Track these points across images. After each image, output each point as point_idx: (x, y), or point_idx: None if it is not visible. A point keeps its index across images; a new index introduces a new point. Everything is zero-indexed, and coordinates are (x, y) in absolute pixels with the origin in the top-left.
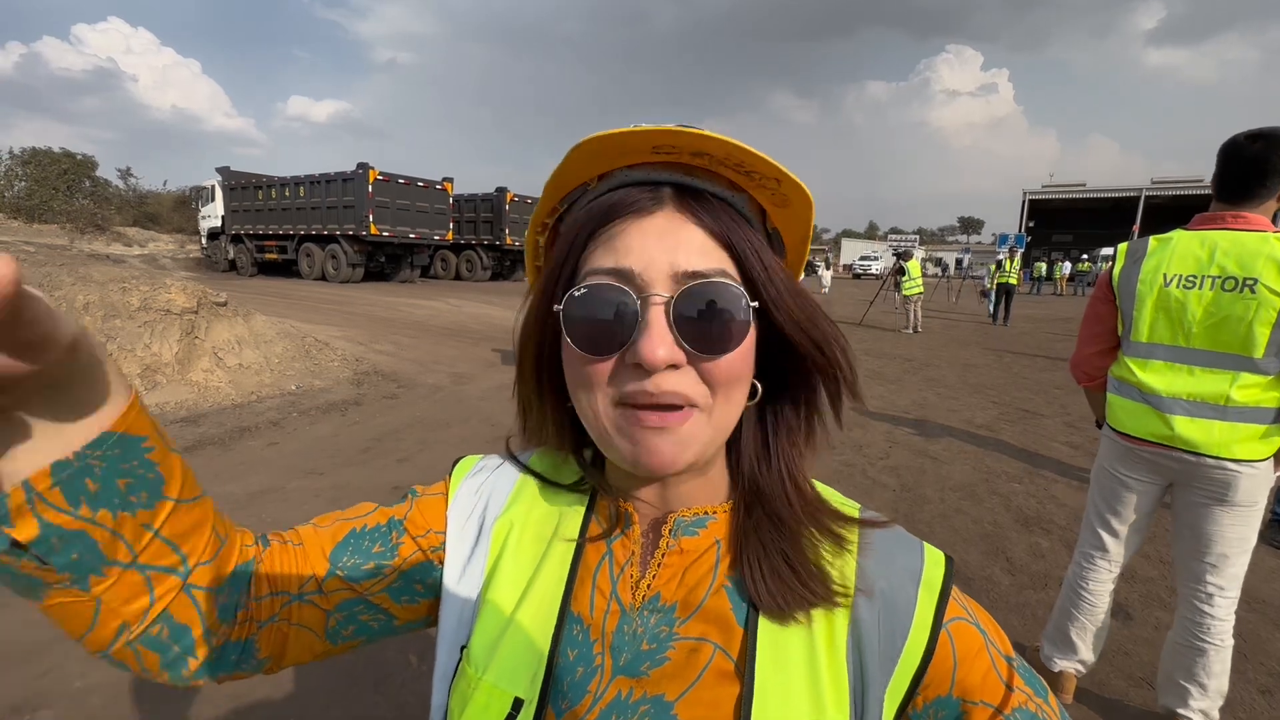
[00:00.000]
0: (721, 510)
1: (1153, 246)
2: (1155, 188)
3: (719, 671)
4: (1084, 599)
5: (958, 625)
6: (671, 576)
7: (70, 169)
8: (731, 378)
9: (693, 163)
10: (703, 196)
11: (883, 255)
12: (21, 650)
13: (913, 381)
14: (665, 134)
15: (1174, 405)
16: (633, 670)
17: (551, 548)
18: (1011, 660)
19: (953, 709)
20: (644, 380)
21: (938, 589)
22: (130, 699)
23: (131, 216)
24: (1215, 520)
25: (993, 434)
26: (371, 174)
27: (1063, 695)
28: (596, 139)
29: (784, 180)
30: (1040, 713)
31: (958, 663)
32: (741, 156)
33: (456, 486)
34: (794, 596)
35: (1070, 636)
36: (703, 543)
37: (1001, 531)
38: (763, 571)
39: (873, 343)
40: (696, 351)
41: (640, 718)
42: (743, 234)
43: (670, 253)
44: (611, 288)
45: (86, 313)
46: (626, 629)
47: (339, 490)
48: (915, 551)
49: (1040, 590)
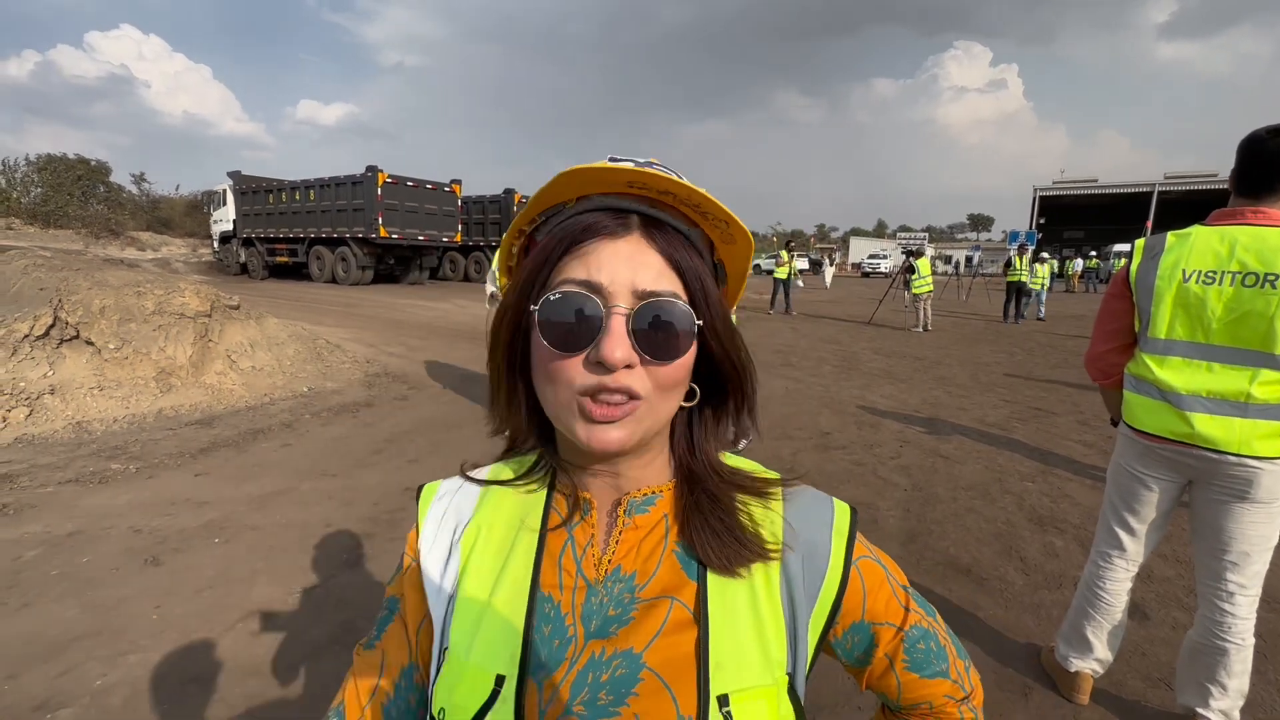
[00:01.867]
0: (666, 489)
1: (1171, 242)
2: (1168, 183)
3: (678, 621)
4: (1100, 598)
5: (865, 563)
6: (629, 550)
7: (85, 175)
8: (674, 380)
9: (659, 199)
10: (664, 227)
11: (891, 254)
12: (44, 649)
13: (923, 380)
14: (640, 174)
15: (1193, 403)
16: (602, 633)
17: (519, 537)
18: (906, 588)
19: (865, 632)
20: (604, 375)
21: (845, 534)
22: (149, 699)
23: (145, 221)
24: (1236, 518)
25: (1005, 433)
26: (380, 177)
27: (1079, 696)
28: (583, 170)
29: (731, 223)
30: (931, 628)
31: (866, 593)
32: (699, 200)
33: (424, 516)
34: (735, 555)
35: (1086, 636)
36: (653, 518)
37: (1015, 531)
38: (706, 537)
39: (882, 341)
40: (648, 356)
41: (614, 670)
42: (693, 263)
43: (633, 272)
44: (582, 296)
45: (103, 316)
46: (594, 600)
47: (351, 491)
48: (827, 506)
49: (1055, 590)
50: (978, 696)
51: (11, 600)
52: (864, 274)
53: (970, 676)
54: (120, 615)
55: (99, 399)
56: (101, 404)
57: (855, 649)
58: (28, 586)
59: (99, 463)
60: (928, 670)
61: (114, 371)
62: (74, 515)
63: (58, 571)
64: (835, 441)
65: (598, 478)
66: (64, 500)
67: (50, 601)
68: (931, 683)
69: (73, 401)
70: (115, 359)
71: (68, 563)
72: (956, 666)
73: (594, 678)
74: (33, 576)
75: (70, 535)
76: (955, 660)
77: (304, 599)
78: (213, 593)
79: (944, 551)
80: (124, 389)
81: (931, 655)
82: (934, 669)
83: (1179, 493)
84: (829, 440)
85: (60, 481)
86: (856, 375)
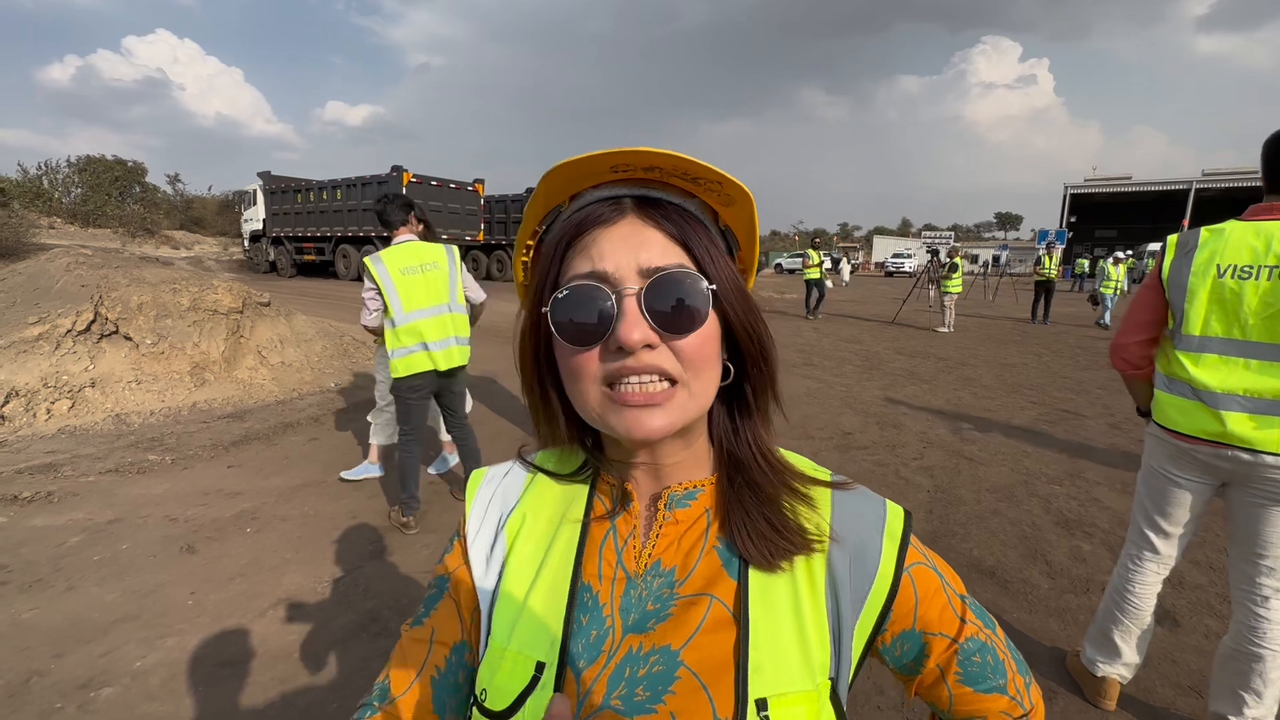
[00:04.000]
0: (708, 483)
1: (1204, 238)
2: (1206, 180)
3: (717, 619)
4: (1129, 601)
5: (918, 569)
6: (669, 544)
7: (121, 175)
8: (701, 355)
9: (647, 176)
10: (659, 204)
11: (916, 252)
12: (88, 630)
13: (947, 381)
14: (620, 154)
15: (1229, 401)
16: (640, 627)
17: (560, 529)
18: (964, 598)
19: (916, 641)
20: (626, 359)
21: (898, 537)
22: (186, 681)
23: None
24: (1273, 521)
25: (1032, 435)
26: (405, 176)
27: (1106, 702)
28: (561, 166)
29: (725, 182)
30: (990, 641)
31: (919, 601)
32: (686, 166)
33: (471, 502)
34: (776, 549)
35: (1114, 639)
36: (694, 513)
37: (1041, 534)
38: (748, 531)
39: (905, 341)
40: (667, 333)
41: (650, 666)
42: (696, 233)
43: (635, 252)
44: (590, 287)
45: (140, 313)
46: (633, 593)
47: (376, 484)
48: (879, 507)
49: (1081, 594)
50: (1038, 714)
51: (57, 583)
52: (887, 273)
53: (1030, 693)
54: (158, 600)
55: (137, 392)
56: (139, 397)
57: (904, 657)
58: (71, 571)
59: (137, 454)
60: (983, 685)
61: (151, 366)
62: (114, 504)
63: (99, 557)
64: (857, 442)
65: (639, 470)
66: (104, 489)
67: (93, 585)
68: (987, 698)
69: (112, 394)
70: (152, 354)
71: (108, 549)
72: (1016, 683)
73: (631, 672)
74: (76, 561)
75: (110, 523)
76: (1015, 676)
77: (332, 588)
78: (245, 580)
79: (967, 554)
80: (160, 383)
81: (988, 669)
82: (990, 684)
83: (1212, 494)
84: (850, 440)
85: (101, 471)
86: (879, 375)
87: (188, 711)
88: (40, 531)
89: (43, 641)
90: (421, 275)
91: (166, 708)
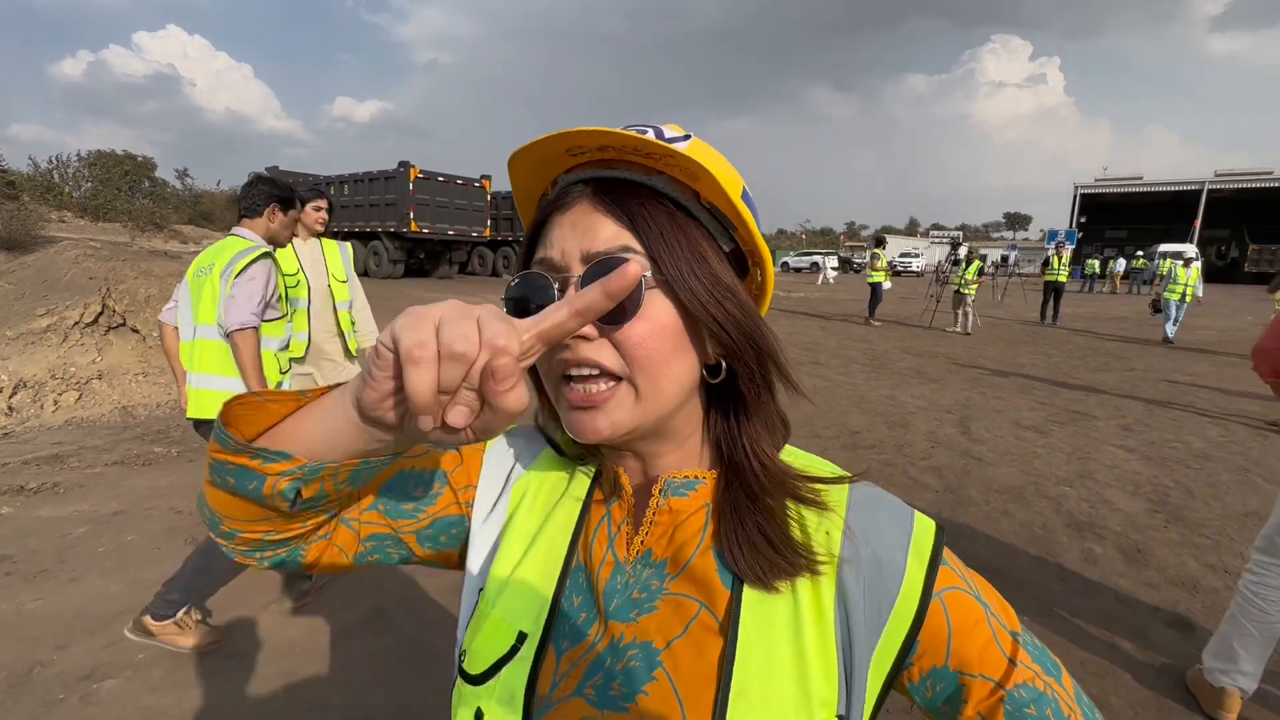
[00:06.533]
0: (710, 476)
1: None
2: (1219, 180)
3: (704, 627)
4: (1254, 606)
5: (952, 595)
6: (662, 534)
7: (131, 170)
8: (646, 349)
9: (603, 156)
10: (616, 185)
11: (924, 252)
12: (92, 622)
13: (956, 381)
14: (570, 135)
15: None
16: (622, 616)
17: (560, 505)
18: (1018, 636)
19: (950, 681)
20: (564, 351)
21: (927, 556)
22: (188, 672)
23: (187, 215)
24: None
25: (1041, 436)
26: (413, 172)
27: (1226, 715)
28: (518, 152)
29: (676, 155)
30: (1049, 691)
31: (953, 633)
32: (635, 143)
33: (492, 442)
34: (771, 567)
35: (1234, 648)
36: (692, 504)
37: (1052, 536)
38: (739, 544)
39: (912, 341)
40: (601, 322)
41: (629, 660)
42: (649, 215)
43: (580, 239)
44: (536, 275)
45: (148, 305)
46: (619, 579)
47: None
48: (905, 518)
49: (1094, 597)
50: None
51: (62, 574)
52: (895, 272)
53: None
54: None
55: (143, 384)
56: (145, 389)
57: (936, 699)
58: (76, 562)
59: (143, 446)
60: None
61: (157, 358)
62: (120, 495)
63: (104, 549)
64: (864, 441)
65: (625, 459)
66: (110, 481)
67: (97, 576)
68: None
69: (119, 386)
70: (159, 346)
71: (113, 540)
72: None
73: (610, 663)
74: (81, 552)
75: (116, 515)
76: None
77: (336, 582)
78: (249, 573)
79: (976, 555)
80: (166, 375)
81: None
82: None
83: None
84: (858, 440)
85: (107, 463)
86: (886, 375)
87: (190, 704)
88: (46, 522)
89: (46, 632)
90: (195, 281)
91: (169, 700)
